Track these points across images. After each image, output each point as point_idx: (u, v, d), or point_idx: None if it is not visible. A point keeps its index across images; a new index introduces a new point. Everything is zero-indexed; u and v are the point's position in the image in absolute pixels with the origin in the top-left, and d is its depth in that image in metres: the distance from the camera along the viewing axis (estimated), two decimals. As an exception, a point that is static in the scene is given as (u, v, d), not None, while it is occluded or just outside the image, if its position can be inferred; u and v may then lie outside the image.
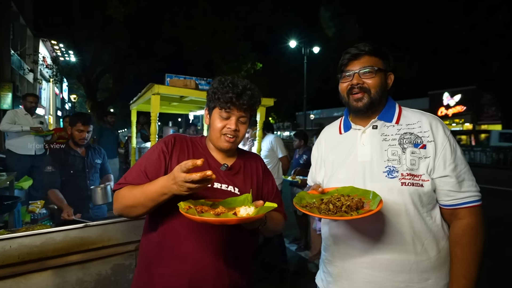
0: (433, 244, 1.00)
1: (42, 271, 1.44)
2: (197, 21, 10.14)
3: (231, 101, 1.06)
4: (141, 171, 1.06)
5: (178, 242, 1.04)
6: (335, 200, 0.91)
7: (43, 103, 20.07)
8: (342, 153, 1.13)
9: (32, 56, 15.99)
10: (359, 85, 1.06)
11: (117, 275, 1.66)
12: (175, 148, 1.12)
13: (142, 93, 2.76)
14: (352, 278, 1.04)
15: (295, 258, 3.55)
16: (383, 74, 1.08)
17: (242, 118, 1.11)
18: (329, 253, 1.15)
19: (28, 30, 17.66)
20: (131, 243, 1.68)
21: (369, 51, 1.06)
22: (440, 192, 1.00)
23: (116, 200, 1.03)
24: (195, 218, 0.82)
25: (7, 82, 13.77)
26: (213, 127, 1.12)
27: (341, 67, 1.11)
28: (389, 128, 1.08)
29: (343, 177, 1.09)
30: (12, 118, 4.01)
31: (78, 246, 1.50)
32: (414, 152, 1.00)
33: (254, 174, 1.22)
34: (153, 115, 2.40)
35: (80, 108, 27.67)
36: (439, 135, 1.01)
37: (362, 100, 1.06)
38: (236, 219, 0.82)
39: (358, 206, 0.87)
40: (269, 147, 3.55)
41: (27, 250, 1.37)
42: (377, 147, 1.06)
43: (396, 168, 1.00)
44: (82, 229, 1.52)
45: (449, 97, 22.88)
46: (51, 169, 2.38)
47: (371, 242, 1.01)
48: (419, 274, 0.98)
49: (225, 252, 1.07)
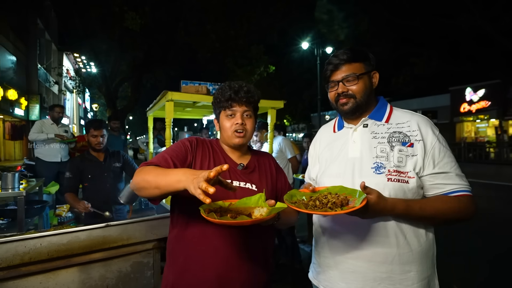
0: (415, 237, 1.04)
1: (68, 267, 1.56)
2: (210, 28, 10.37)
3: (231, 98, 1.16)
4: (167, 157, 1.09)
5: (205, 237, 1.11)
6: (322, 198, 0.96)
7: (67, 113, 21.11)
8: (334, 150, 1.20)
9: (57, 69, 16.94)
10: (344, 93, 1.13)
11: (137, 272, 1.76)
12: (198, 149, 1.20)
13: (157, 100, 2.89)
14: (339, 268, 1.09)
15: (310, 258, 3.55)
16: (366, 77, 1.13)
17: (246, 112, 1.19)
18: (318, 245, 1.22)
19: (53, 45, 18.71)
20: (149, 242, 1.78)
21: (347, 58, 1.11)
22: (429, 187, 1.04)
23: (138, 173, 1.03)
24: (214, 220, 0.89)
25: (35, 95, 14.66)
26: (223, 128, 1.21)
27: (326, 78, 1.19)
28: (379, 127, 1.13)
29: (334, 172, 1.15)
30: (39, 128, 4.29)
31: (100, 244, 1.61)
32: (402, 150, 1.04)
33: (268, 171, 1.30)
34: (168, 121, 2.52)
35: (101, 116, 28.81)
36: (428, 135, 1.05)
37: (347, 104, 1.13)
38: (251, 220, 0.90)
39: (343, 203, 0.92)
40: (278, 148, 3.60)
41: (55, 248, 1.49)
42: (366, 144, 1.11)
43: (384, 165, 1.04)
44: (104, 228, 1.63)
45: (472, 92, 21.84)
46: (68, 175, 2.58)
47: (356, 234, 1.06)
48: (401, 266, 1.02)
49: (247, 247, 1.14)
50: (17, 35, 13.16)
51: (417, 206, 1.00)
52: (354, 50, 1.14)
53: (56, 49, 19.41)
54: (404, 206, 0.98)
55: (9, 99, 11.73)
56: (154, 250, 1.81)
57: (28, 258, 1.43)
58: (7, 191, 2.55)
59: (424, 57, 15.52)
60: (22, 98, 13.35)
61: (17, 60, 13.32)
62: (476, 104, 21.41)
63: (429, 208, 1.00)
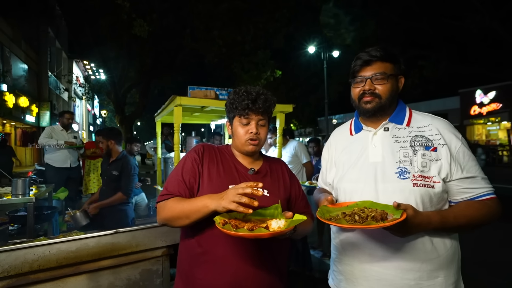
0: (442, 242, 1.02)
1: (77, 275, 1.53)
2: (217, 33, 10.45)
3: (248, 107, 1.14)
4: (179, 180, 1.13)
5: (216, 248, 1.09)
6: (359, 212, 0.93)
7: (77, 119, 21.47)
8: (353, 154, 1.16)
9: (67, 76, 17.31)
10: (371, 91, 1.09)
11: (145, 280, 1.73)
12: (204, 156, 1.20)
13: (166, 105, 2.89)
14: (363, 276, 1.06)
15: (321, 265, 3.47)
16: (395, 79, 1.10)
17: (261, 121, 1.18)
18: (339, 252, 1.17)
19: (63, 53, 19.13)
20: (158, 249, 1.75)
21: (380, 56, 1.08)
22: (456, 192, 1.02)
23: (162, 211, 1.10)
24: (231, 233, 0.87)
25: (45, 102, 14.97)
26: (237, 135, 1.19)
27: (353, 73, 1.14)
28: (400, 130, 1.10)
29: (354, 177, 1.11)
30: (49, 133, 4.35)
31: (109, 252, 1.59)
32: (425, 154, 1.02)
33: (280, 177, 1.27)
34: (176, 126, 2.51)
35: (110, 122, 29.24)
36: (452, 139, 1.03)
37: (371, 103, 1.09)
38: (269, 233, 0.87)
39: (383, 217, 0.89)
40: (293, 152, 3.54)
41: (64, 255, 1.47)
42: (388, 149, 1.08)
43: (408, 169, 1.02)
44: (113, 235, 1.60)
45: (482, 95, 21.43)
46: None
47: (382, 241, 1.02)
48: (429, 272, 1.00)
49: (261, 257, 1.11)
50: (29, 44, 13.50)
51: (451, 216, 0.98)
52: (387, 50, 1.10)
53: (66, 57, 19.85)
54: (439, 218, 0.96)
55: (20, 106, 11.99)
56: (164, 257, 1.78)
57: (37, 265, 1.41)
58: (17, 197, 2.57)
59: (433, 60, 15.33)
60: (33, 105, 13.64)
61: (29, 68, 13.65)
62: (487, 107, 21.01)
63: (463, 217, 0.98)
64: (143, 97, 13.16)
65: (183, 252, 1.19)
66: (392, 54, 1.10)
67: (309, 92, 22.56)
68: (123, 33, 10.09)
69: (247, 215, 1.03)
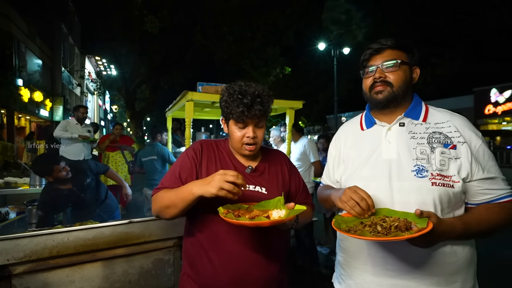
0: (460, 245, 0.98)
1: (93, 262, 1.60)
2: (227, 30, 10.46)
3: (243, 114, 1.08)
4: (176, 177, 1.15)
5: (219, 239, 1.12)
6: (380, 222, 0.87)
7: (88, 114, 21.85)
8: (364, 150, 1.09)
9: (80, 72, 17.59)
10: (381, 79, 1.03)
11: (158, 269, 1.79)
12: (203, 154, 1.20)
13: (177, 100, 2.94)
14: (376, 281, 1.00)
15: (328, 261, 3.49)
16: (408, 68, 1.05)
17: (258, 123, 1.14)
18: (347, 254, 1.11)
19: (76, 49, 19.45)
20: (169, 239, 1.80)
21: (391, 44, 1.04)
22: (476, 193, 0.98)
23: (154, 202, 1.13)
24: (232, 221, 0.90)
25: (58, 97, 15.28)
26: (233, 138, 1.16)
27: (363, 63, 1.09)
28: (416, 126, 1.04)
29: (366, 175, 1.05)
30: (64, 126, 4.47)
31: (123, 240, 1.65)
32: (444, 152, 0.97)
33: (279, 172, 1.26)
34: (187, 121, 2.55)
35: (120, 118, 29.65)
36: (472, 137, 0.98)
37: (382, 93, 1.04)
38: (269, 222, 0.90)
39: (407, 227, 0.83)
40: (302, 150, 3.49)
41: (81, 242, 1.54)
42: (404, 145, 1.02)
43: (426, 168, 0.96)
44: (127, 225, 1.66)
45: (498, 94, 20.86)
46: None
47: (397, 245, 0.97)
48: (447, 277, 0.95)
49: (262, 248, 1.13)
50: (43, 40, 13.78)
51: (474, 223, 0.93)
52: (398, 39, 1.06)
53: (79, 52, 20.17)
54: (462, 225, 0.91)
55: (35, 101, 12.28)
56: (175, 248, 1.83)
57: (56, 251, 1.48)
58: (35, 187, 2.67)
59: (446, 57, 14.98)
60: (47, 99, 13.95)
61: (43, 63, 13.95)
62: (502, 106, 20.45)
63: (485, 222, 0.93)
64: (153, 92, 13.30)
65: (187, 244, 1.23)
66: (404, 43, 1.05)
67: (318, 89, 22.37)
68: (135, 29, 10.20)
69: (251, 207, 1.06)
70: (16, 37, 10.64)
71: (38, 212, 2.35)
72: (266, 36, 11.26)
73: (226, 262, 1.10)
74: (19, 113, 12.03)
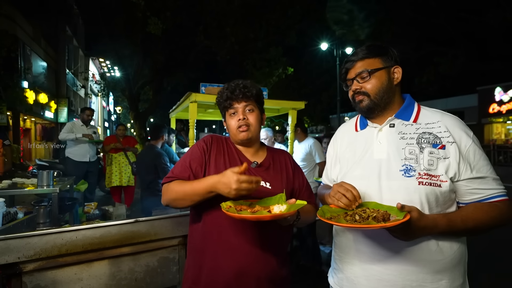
0: (448, 245, 0.99)
1: (100, 260, 1.63)
2: (229, 30, 10.50)
3: (228, 97, 1.21)
4: (186, 166, 1.20)
5: (222, 232, 1.15)
6: (361, 212, 0.91)
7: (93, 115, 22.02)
8: (357, 150, 1.14)
9: (84, 74, 17.73)
10: (357, 90, 1.10)
11: (163, 267, 1.82)
12: (213, 147, 1.26)
13: (181, 102, 2.98)
14: (364, 275, 1.04)
15: (330, 260, 3.50)
16: (382, 72, 1.07)
17: (247, 107, 1.23)
18: (340, 250, 1.16)
19: (80, 51, 19.63)
20: (175, 238, 1.83)
21: (361, 56, 1.08)
22: (465, 192, 0.99)
23: (166, 192, 1.17)
24: (234, 215, 0.93)
25: (63, 98, 15.45)
26: (229, 128, 1.26)
27: (341, 77, 1.18)
28: (407, 127, 1.07)
29: (358, 174, 1.09)
30: (70, 129, 4.54)
31: (130, 239, 1.68)
32: (433, 152, 0.98)
33: (283, 169, 1.30)
34: (191, 122, 2.59)
35: (124, 119, 29.85)
36: (462, 137, 0.99)
37: (362, 102, 1.10)
38: (270, 215, 0.93)
39: (385, 218, 0.86)
40: (308, 151, 3.47)
41: (89, 241, 1.57)
42: (394, 145, 1.05)
43: (413, 167, 0.98)
44: (133, 223, 1.70)
45: (502, 92, 20.60)
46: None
47: (384, 240, 1.00)
48: (433, 274, 0.97)
49: (263, 242, 1.16)
50: (48, 42, 13.95)
51: (459, 220, 0.94)
52: (370, 46, 1.10)
53: (83, 54, 20.37)
54: (446, 221, 0.93)
55: (40, 103, 12.43)
56: (180, 246, 1.86)
57: (65, 249, 1.52)
58: (42, 188, 2.72)
59: (449, 56, 14.89)
60: (52, 101, 14.11)
61: (48, 65, 14.11)
62: (507, 105, 20.22)
63: (471, 220, 0.94)
64: (156, 94, 13.38)
65: (191, 237, 1.27)
66: (375, 49, 1.08)
67: (321, 89, 22.35)
68: (138, 31, 10.28)
69: (253, 203, 1.09)
70: (21, 40, 10.79)
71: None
72: (268, 37, 11.29)
73: (228, 254, 1.14)
74: (25, 115, 12.18)
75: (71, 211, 3.15)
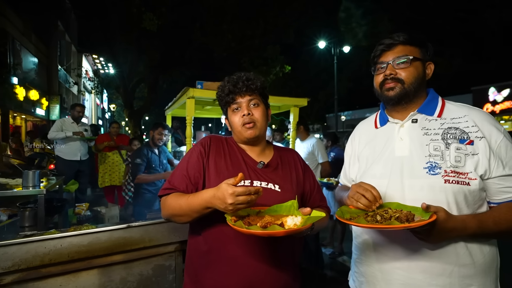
0: (477, 248, 0.93)
1: (89, 269, 1.49)
2: (226, 28, 10.32)
3: (231, 91, 1.09)
4: (184, 175, 1.08)
5: (225, 246, 1.03)
6: (382, 212, 0.87)
7: (86, 113, 21.66)
8: (377, 148, 1.09)
9: (76, 70, 17.39)
10: (392, 76, 1.01)
11: (158, 275, 1.68)
12: (211, 149, 1.13)
13: (177, 98, 2.82)
14: (386, 279, 0.99)
15: (332, 263, 3.40)
16: (420, 64, 1.02)
17: (252, 101, 1.11)
18: (361, 252, 1.11)
19: (73, 46, 19.24)
20: (171, 244, 1.69)
21: (403, 40, 1.02)
22: (496, 191, 0.92)
23: (164, 207, 1.07)
24: (243, 230, 0.81)
25: (55, 95, 15.10)
26: (233, 125, 1.13)
27: (374, 59, 1.08)
28: (431, 122, 1.01)
29: (378, 172, 1.04)
30: (59, 127, 4.33)
31: (121, 246, 1.54)
32: (460, 148, 0.93)
33: (293, 169, 1.18)
34: (188, 118, 2.44)
35: (118, 117, 29.48)
36: (492, 131, 0.93)
37: (394, 89, 1.02)
38: (284, 231, 0.79)
39: (409, 218, 0.81)
40: (310, 150, 3.37)
41: (76, 249, 1.42)
42: (417, 142, 0.99)
43: (439, 164, 0.93)
44: (125, 229, 1.55)
45: (496, 92, 20.88)
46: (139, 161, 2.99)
47: (409, 243, 0.94)
48: (461, 279, 0.90)
49: (275, 256, 1.04)
50: (39, 37, 13.58)
51: (491, 221, 0.88)
52: (412, 34, 1.03)
53: (75, 50, 19.95)
54: (476, 223, 0.87)
55: (31, 100, 12.11)
56: (176, 253, 1.73)
57: (48, 259, 1.37)
58: (28, 188, 2.54)
59: (446, 56, 14.96)
60: (43, 98, 13.77)
61: (39, 61, 13.76)
62: (500, 105, 20.47)
63: (505, 222, 0.88)
64: (151, 91, 13.15)
65: (192, 250, 1.13)
66: (417, 37, 1.03)
67: (318, 88, 22.31)
68: (133, 27, 10.04)
69: (261, 211, 0.96)
70: (10, 34, 10.46)
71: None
72: (266, 34, 11.13)
73: (234, 269, 1.01)
74: (15, 112, 11.85)
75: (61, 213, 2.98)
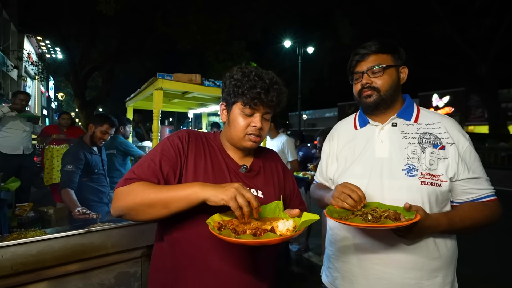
0: (443, 242, 1.02)
1: (38, 282, 1.28)
2: (191, 19, 9.94)
3: (259, 97, 0.93)
4: (155, 168, 0.89)
5: (202, 254, 0.91)
6: (371, 212, 0.91)
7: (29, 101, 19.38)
8: (357, 148, 1.13)
9: (16, 52, 15.40)
10: (368, 84, 1.07)
11: (121, 284, 1.52)
12: (190, 146, 0.98)
13: (143, 89, 2.61)
14: (363, 274, 1.04)
15: (299, 260, 3.45)
16: (394, 70, 1.08)
17: (266, 115, 0.99)
18: (338, 249, 1.13)
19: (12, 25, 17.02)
20: (137, 249, 1.54)
21: (375, 49, 1.06)
22: (460, 192, 1.02)
23: (124, 196, 0.84)
24: (231, 240, 0.70)
25: (-10, 79, 13.23)
26: (235, 125, 0.98)
27: (350, 69, 1.13)
28: (408, 127, 1.08)
29: (358, 172, 1.08)
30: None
31: (79, 254, 1.35)
32: (434, 152, 1.01)
33: (274, 174, 1.11)
34: (156, 111, 2.26)
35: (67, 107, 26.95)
36: (460, 138, 1.03)
37: (371, 97, 1.08)
38: (279, 238, 0.71)
39: (396, 218, 0.87)
40: (280, 148, 3.35)
41: (21, 260, 1.21)
42: (396, 145, 1.06)
43: (416, 167, 1.00)
44: (84, 235, 1.36)
45: (438, 99, 23.35)
46: (71, 168, 2.21)
47: (384, 239, 1.01)
48: (429, 272, 0.99)
49: (254, 264, 0.96)
50: (-30, 12, 11.76)
51: (458, 219, 0.97)
52: (382, 41, 1.08)
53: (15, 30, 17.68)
54: (447, 220, 0.96)
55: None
56: (143, 258, 1.57)
57: (-15, 274, 1.14)
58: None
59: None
60: (-26, 82, 11.98)
61: (-31, 39, 11.92)
62: (441, 110, 22.89)
63: (468, 219, 0.98)
64: (107, 81, 12.18)
65: (158, 261, 0.99)
66: (388, 45, 1.08)
67: (282, 86, 22.73)
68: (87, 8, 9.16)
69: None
70: None
71: None
72: (232, 29, 10.98)
73: (211, 282, 0.90)
74: None
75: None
